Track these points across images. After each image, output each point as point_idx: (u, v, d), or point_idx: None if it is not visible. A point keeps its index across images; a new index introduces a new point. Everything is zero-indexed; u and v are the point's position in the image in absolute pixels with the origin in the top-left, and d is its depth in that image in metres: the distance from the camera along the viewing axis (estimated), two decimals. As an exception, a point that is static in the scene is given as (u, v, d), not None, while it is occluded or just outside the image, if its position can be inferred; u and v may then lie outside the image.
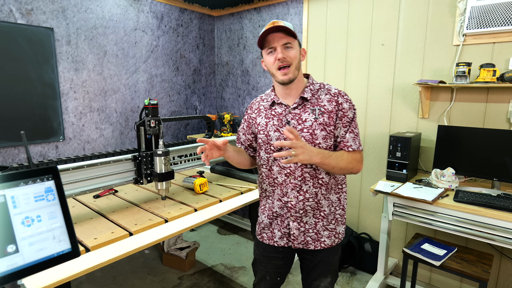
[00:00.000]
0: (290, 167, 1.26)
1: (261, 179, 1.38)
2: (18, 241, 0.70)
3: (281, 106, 1.29)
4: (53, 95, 2.38)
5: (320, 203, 1.29)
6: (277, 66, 1.21)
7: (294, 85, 1.26)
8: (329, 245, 1.33)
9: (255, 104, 1.41)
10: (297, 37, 1.23)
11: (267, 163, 1.32)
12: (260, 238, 1.43)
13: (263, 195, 1.40)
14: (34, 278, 1.02)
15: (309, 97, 1.26)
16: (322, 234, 1.31)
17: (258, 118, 1.35)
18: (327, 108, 1.24)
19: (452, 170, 1.96)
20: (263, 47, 1.25)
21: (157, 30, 3.02)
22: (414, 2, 2.23)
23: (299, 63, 1.25)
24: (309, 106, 1.25)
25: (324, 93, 1.28)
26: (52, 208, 0.76)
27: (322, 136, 1.22)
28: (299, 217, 1.29)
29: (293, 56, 1.21)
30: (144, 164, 1.61)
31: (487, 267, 1.64)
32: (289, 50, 1.21)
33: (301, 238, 1.32)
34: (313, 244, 1.32)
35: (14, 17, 2.16)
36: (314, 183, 1.26)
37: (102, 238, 1.28)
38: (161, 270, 2.65)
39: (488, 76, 1.88)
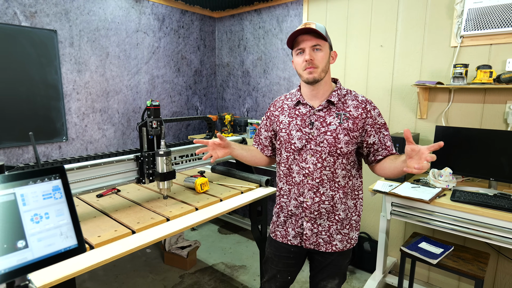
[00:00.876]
0: (309, 167, 1.27)
1: (279, 178, 1.40)
2: (28, 237, 0.73)
3: (306, 106, 1.29)
4: (57, 96, 2.42)
5: (336, 206, 1.29)
6: (304, 67, 1.22)
7: (321, 86, 1.26)
8: (340, 249, 1.33)
9: (279, 102, 1.41)
10: (328, 40, 1.23)
11: (287, 162, 1.33)
12: (274, 236, 1.43)
13: (279, 193, 1.41)
14: (41, 274, 1.05)
15: (336, 101, 1.26)
16: (334, 238, 1.32)
17: (281, 116, 1.35)
18: (352, 114, 1.24)
19: (449, 170, 1.99)
20: (293, 48, 1.26)
21: (158, 32, 3.06)
22: (412, 4, 2.26)
23: (327, 66, 1.24)
24: (335, 110, 1.25)
25: (350, 99, 1.28)
26: (59, 206, 0.80)
27: (344, 141, 1.23)
28: (313, 218, 1.30)
29: (321, 59, 1.21)
30: (146, 164, 1.64)
31: (483, 265, 1.67)
32: (318, 52, 1.21)
33: (313, 239, 1.32)
34: (325, 246, 1.32)
35: (18, 19, 2.20)
36: (331, 186, 1.27)
37: (105, 236, 1.31)
38: (162, 268, 2.68)
39: (484, 77, 1.90)
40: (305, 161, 1.28)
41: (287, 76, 3.06)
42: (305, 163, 1.27)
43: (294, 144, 1.29)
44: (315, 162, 1.26)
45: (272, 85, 3.21)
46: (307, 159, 1.27)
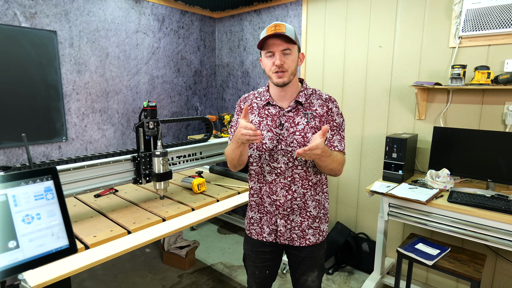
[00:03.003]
0: (281, 167, 1.30)
1: (250, 177, 1.43)
2: (19, 238, 0.74)
3: (276, 107, 1.32)
4: (56, 97, 2.44)
5: (307, 203, 1.34)
6: (273, 70, 1.24)
7: (289, 88, 1.30)
8: (314, 242, 1.39)
9: (248, 100, 1.41)
10: (297, 43, 1.26)
11: (259, 161, 1.35)
12: (249, 234, 1.47)
13: (252, 192, 1.44)
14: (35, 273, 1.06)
15: (303, 101, 1.30)
16: (307, 232, 1.37)
17: (251, 116, 1.37)
18: (318, 112, 1.30)
19: (447, 171, 1.98)
20: (262, 49, 1.28)
21: (158, 32, 3.07)
22: (411, 5, 2.26)
23: (295, 69, 1.28)
24: (302, 110, 1.30)
25: (316, 98, 1.33)
26: (51, 207, 0.81)
27: None
28: (286, 215, 1.35)
29: (290, 62, 1.24)
30: (143, 164, 1.65)
31: (479, 267, 1.66)
32: (287, 56, 1.24)
33: (287, 235, 1.37)
34: (299, 241, 1.38)
35: (18, 20, 2.22)
36: (303, 184, 1.32)
37: (101, 236, 1.32)
38: (161, 268, 2.70)
39: (482, 78, 1.90)
40: (276, 161, 1.31)
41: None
42: (276, 163, 1.31)
43: (265, 144, 1.31)
44: (287, 162, 1.30)
45: (271, 85, 3.21)
46: (278, 159, 1.30)
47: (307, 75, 2.90)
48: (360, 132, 2.64)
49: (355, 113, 2.65)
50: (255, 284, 1.52)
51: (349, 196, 2.78)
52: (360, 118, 2.62)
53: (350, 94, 2.66)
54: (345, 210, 2.82)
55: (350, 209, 2.78)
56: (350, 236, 2.66)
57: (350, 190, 2.76)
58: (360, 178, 2.69)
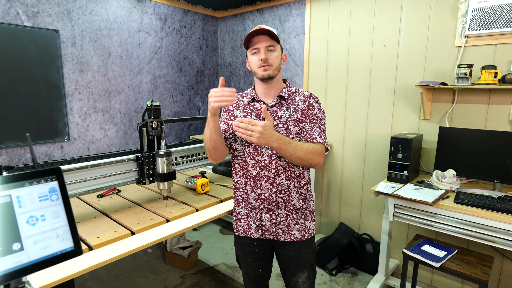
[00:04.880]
0: (264, 160, 1.34)
1: (234, 172, 1.45)
2: (23, 240, 0.72)
3: (260, 103, 1.38)
4: (59, 96, 2.42)
5: (291, 195, 1.37)
6: (259, 65, 1.31)
7: (273, 84, 1.36)
8: (299, 239, 1.39)
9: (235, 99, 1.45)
10: (279, 42, 1.34)
11: (242, 155, 1.39)
12: (237, 232, 1.49)
13: (235, 187, 1.46)
14: (39, 275, 1.04)
15: (286, 97, 1.37)
16: (292, 227, 1.39)
17: (236, 111, 1.42)
18: (300, 107, 1.36)
19: (453, 172, 1.96)
20: (248, 48, 1.34)
21: (160, 32, 3.05)
22: (416, 4, 2.23)
23: (279, 66, 1.35)
24: (285, 105, 1.36)
25: (298, 95, 1.39)
26: (55, 208, 0.79)
27: (295, 131, 1.32)
28: (271, 209, 1.37)
29: (275, 58, 1.32)
30: (147, 164, 1.63)
31: (487, 269, 1.64)
32: (272, 52, 1.31)
33: (272, 229, 1.39)
34: (283, 236, 1.39)
35: (20, 19, 2.20)
36: (287, 175, 1.35)
37: (105, 237, 1.30)
38: (163, 269, 2.68)
39: (489, 77, 1.88)
40: (260, 154, 1.35)
41: (289, 76, 3.04)
42: (260, 156, 1.35)
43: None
44: (270, 154, 1.33)
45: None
46: (262, 152, 1.34)
47: (310, 74, 2.89)
48: (364, 132, 2.62)
49: (359, 112, 2.63)
50: (250, 283, 1.54)
51: (352, 197, 2.76)
52: (364, 118, 2.60)
53: (354, 93, 2.64)
54: (348, 211, 2.80)
55: (353, 210, 2.76)
56: (354, 237, 2.64)
57: (354, 190, 2.74)
58: (363, 179, 2.67)
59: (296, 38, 2.93)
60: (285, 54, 1.40)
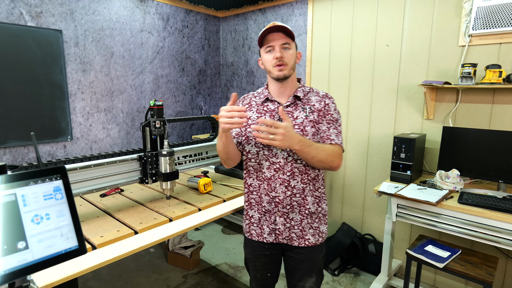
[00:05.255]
0: (279, 162, 1.29)
1: (247, 174, 1.40)
2: (28, 238, 0.72)
3: (274, 103, 1.33)
4: (61, 96, 2.43)
5: (306, 199, 1.32)
6: (274, 64, 1.25)
7: (288, 84, 1.31)
8: (313, 244, 1.35)
9: (247, 99, 1.42)
10: (294, 40, 1.29)
11: (256, 157, 1.34)
12: (249, 236, 1.43)
13: (248, 190, 1.41)
14: (43, 274, 1.05)
15: (302, 97, 1.32)
16: (307, 232, 1.34)
17: (249, 113, 1.37)
18: (316, 107, 1.31)
19: (456, 172, 1.95)
20: (262, 45, 1.29)
21: (163, 32, 3.06)
22: (419, 3, 2.23)
23: (294, 64, 1.30)
24: (301, 105, 1.31)
25: (313, 95, 1.34)
26: (60, 207, 0.79)
27: (312, 132, 1.27)
28: (285, 212, 1.32)
29: (290, 56, 1.27)
30: (150, 164, 1.63)
31: (491, 269, 1.63)
32: (287, 50, 1.26)
33: (286, 233, 1.34)
34: (297, 241, 1.34)
35: (24, 19, 2.21)
36: (303, 178, 1.30)
37: (108, 236, 1.30)
38: (166, 268, 2.68)
39: (494, 77, 1.87)
40: (275, 156, 1.30)
41: (292, 76, 3.03)
42: (275, 157, 1.30)
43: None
44: (286, 156, 1.29)
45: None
46: (277, 154, 1.30)
47: (312, 74, 2.88)
48: (366, 132, 2.61)
49: (361, 112, 2.62)
50: (257, 286, 1.50)
51: (355, 197, 2.75)
52: (366, 117, 2.59)
53: (356, 93, 2.63)
54: (351, 211, 2.79)
55: (356, 210, 2.76)
56: (356, 237, 2.63)
57: (356, 190, 2.73)
58: (366, 178, 2.66)
59: (298, 37, 2.93)
60: (300, 52, 1.34)
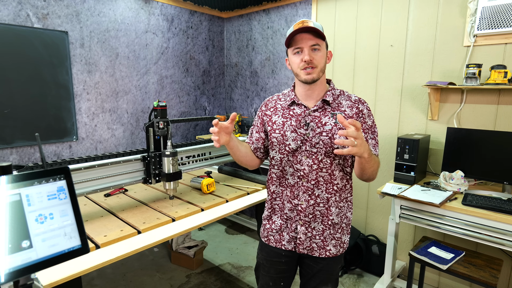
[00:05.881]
0: (304, 169, 1.23)
1: (270, 181, 1.36)
2: (32, 237, 0.73)
3: (301, 107, 1.25)
4: (67, 96, 2.46)
5: (330, 210, 1.25)
6: (302, 67, 1.18)
7: (316, 86, 1.23)
8: (334, 254, 1.29)
9: (271, 102, 1.36)
10: (325, 39, 1.20)
11: (280, 164, 1.29)
12: (266, 241, 1.38)
13: (271, 197, 1.36)
14: (47, 273, 1.06)
15: (331, 101, 1.23)
16: (328, 243, 1.28)
17: (274, 117, 1.31)
18: (347, 113, 1.21)
19: (461, 173, 1.94)
20: (289, 46, 1.22)
21: (167, 32, 3.08)
22: (423, 3, 2.21)
23: (324, 66, 1.22)
24: (330, 110, 1.22)
25: (344, 99, 1.25)
26: (63, 206, 0.80)
27: None
28: (307, 221, 1.26)
29: (320, 58, 1.18)
30: (153, 164, 1.65)
31: (495, 272, 1.62)
32: (316, 52, 1.18)
33: (307, 243, 1.28)
34: (318, 252, 1.29)
35: (31, 21, 2.24)
36: (328, 188, 1.23)
37: (111, 236, 1.32)
38: (169, 268, 2.70)
39: (499, 77, 1.85)
40: (300, 163, 1.24)
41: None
42: (300, 164, 1.24)
43: (288, 145, 1.25)
44: (311, 164, 1.22)
45: (280, 85, 3.19)
46: (302, 161, 1.24)
47: (316, 75, 2.88)
48: (370, 132, 2.60)
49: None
50: None
51: (358, 198, 2.74)
52: (370, 118, 2.58)
53: (360, 94, 2.62)
54: (354, 212, 2.78)
55: (359, 211, 2.75)
56: (360, 238, 2.62)
57: (360, 191, 2.72)
58: (370, 179, 2.65)
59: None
60: (330, 52, 1.25)
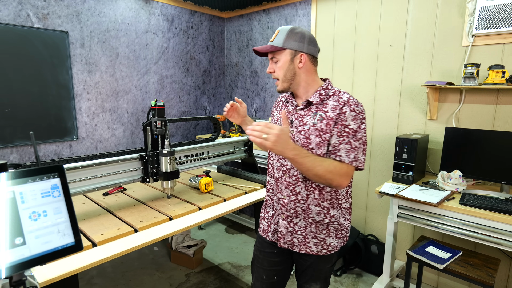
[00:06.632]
0: (287, 165, 1.27)
1: (267, 171, 1.44)
2: (25, 234, 0.75)
3: (292, 104, 1.30)
4: (68, 96, 2.48)
5: (309, 207, 1.26)
6: None
7: (300, 89, 1.27)
8: (315, 253, 1.30)
9: (279, 98, 1.46)
10: (288, 46, 1.19)
11: (271, 157, 1.37)
12: (258, 229, 1.47)
13: (268, 186, 1.43)
14: (43, 270, 1.08)
15: (315, 102, 1.23)
16: (309, 240, 1.29)
17: (275, 112, 1.42)
18: (328, 115, 1.18)
19: (459, 173, 1.94)
20: None
21: (167, 32, 3.09)
22: (422, 3, 2.21)
23: (288, 74, 1.22)
24: (313, 110, 1.23)
25: (333, 100, 1.20)
26: (57, 204, 0.81)
27: (315, 142, 1.18)
28: (289, 216, 1.29)
29: (278, 70, 1.24)
30: (151, 163, 1.66)
31: (492, 271, 1.62)
32: (275, 64, 1.25)
33: (288, 237, 1.31)
34: (299, 247, 1.30)
35: (31, 21, 2.26)
36: (307, 185, 1.24)
37: (108, 234, 1.33)
38: (169, 267, 2.71)
39: (497, 77, 1.84)
40: (284, 158, 1.27)
41: (295, 76, 3.04)
42: (284, 160, 1.28)
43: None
44: None
45: (280, 85, 3.19)
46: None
47: (316, 74, 2.88)
48: (369, 132, 2.60)
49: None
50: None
51: (358, 197, 2.74)
52: (369, 118, 2.58)
53: (359, 93, 2.62)
54: (353, 212, 2.78)
55: (359, 211, 2.75)
56: (359, 238, 2.62)
57: (359, 191, 2.72)
58: (369, 179, 2.65)
59: (301, 38, 2.93)
60: (302, 54, 1.20)
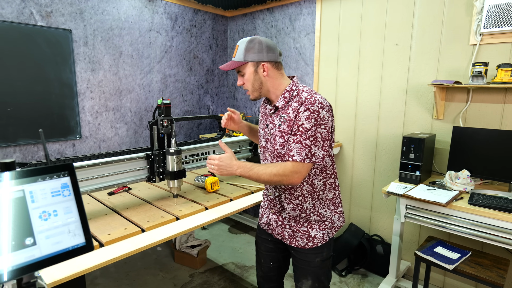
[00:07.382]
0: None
1: None
2: (36, 234, 0.73)
3: (267, 108, 1.38)
4: (71, 95, 2.46)
5: (283, 205, 1.36)
6: None
7: (269, 96, 1.34)
8: (302, 246, 1.35)
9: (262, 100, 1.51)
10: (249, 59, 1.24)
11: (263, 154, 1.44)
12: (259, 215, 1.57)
13: None
14: (51, 271, 1.06)
15: (281, 106, 1.27)
16: (296, 234, 1.37)
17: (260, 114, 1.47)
18: (290, 116, 1.22)
19: (467, 173, 1.92)
20: None
21: (171, 31, 3.07)
22: (429, 1, 2.19)
23: (256, 84, 1.28)
24: (280, 113, 1.28)
25: (296, 101, 1.22)
26: (67, 203, 0.79)
27: (279, 143, 1.26)
28: (277, 211, 1.40)
29: (246, 82, 1.30)
30: (157, 162, 1.64)
31: (502, 272, 1.60)
32: (243, 76, 1.30)
33: (279, 230, 1.41)
34: (289, 240, 1.39)
35: (34, 19, 2.24)
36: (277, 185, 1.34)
37: (115, 234, 1.31)
38: (172, 267, 2.69)
39: (506, 76, 1.83)
40: (266, 159, 1.38)
41: (299, 75, 3.02)
42: (266, 160, 1.38)
43: (261, 142, 1.42)
44: (271, 161, 1.35)
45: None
46: (267, 157, 1.37)
47: (320, 73, 2.86)
48: (375, 132, 2.58)
49: (370, 112, 2.59)
50: (260, 271, 1.57)
51: (363, 197, 2.72)
52: (375, 117, 2.57)
53: (365, 93, 2.60)
54: (358, 212, 2.77)
55: (364, 211, 2.73)
56: (364, 238, 2.60)
57: (364, 191, 2.71)
58: (374, 179, 2.64)
59: (306, 37, 2.91)
60: (264, 64, 1.24)
